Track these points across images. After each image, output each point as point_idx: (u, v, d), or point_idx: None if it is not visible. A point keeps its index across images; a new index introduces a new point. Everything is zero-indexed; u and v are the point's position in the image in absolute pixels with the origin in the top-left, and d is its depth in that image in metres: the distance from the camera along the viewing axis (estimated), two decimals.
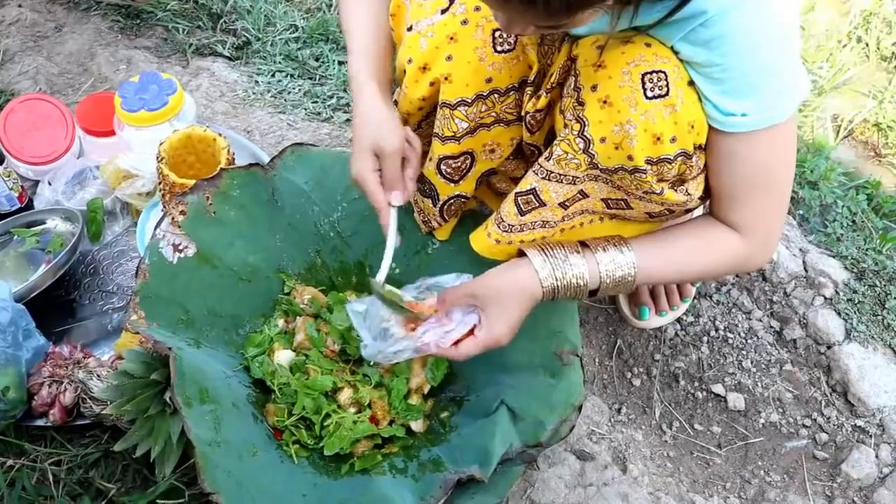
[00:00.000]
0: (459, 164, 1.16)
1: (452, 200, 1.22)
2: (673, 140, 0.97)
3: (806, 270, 1.55)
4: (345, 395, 1.17)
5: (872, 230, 1.68)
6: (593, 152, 1.00)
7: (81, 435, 1.21)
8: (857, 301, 1.51)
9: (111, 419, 1.13)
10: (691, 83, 0.98)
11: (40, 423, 1.18)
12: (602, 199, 1.10)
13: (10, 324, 1.17)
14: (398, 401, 1.19)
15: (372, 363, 1.20)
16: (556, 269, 1.06)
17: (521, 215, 1.12)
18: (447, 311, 1.10)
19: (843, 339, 1.46)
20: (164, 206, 1.41)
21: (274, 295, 1.27)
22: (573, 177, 1.05)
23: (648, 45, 0.97)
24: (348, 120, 1.78)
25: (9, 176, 1.49)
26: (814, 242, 1.63)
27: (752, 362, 1.44)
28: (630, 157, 0.98)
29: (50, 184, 1.55)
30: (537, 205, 1.10)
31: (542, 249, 1.08)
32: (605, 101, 0.98)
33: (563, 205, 1.10)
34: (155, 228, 1.16)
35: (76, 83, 1.88)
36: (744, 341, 1.47)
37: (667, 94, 0.96)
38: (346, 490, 1.07)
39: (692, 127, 0.98)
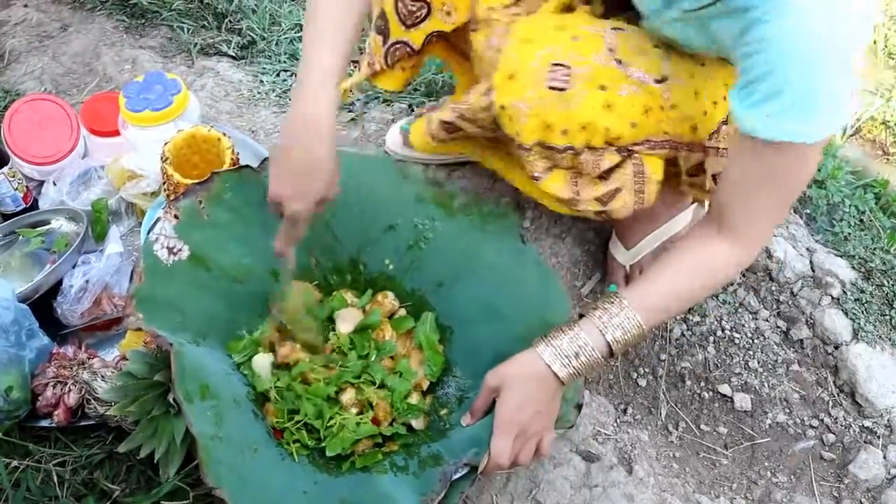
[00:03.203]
0: (416, 9, 1.19)
1: (399, 45, 1.23)
2: (564, 133, 1.04)
3: (813, 270, 1.54)
4: (348, 396, 1.16)
5: (880, 229, 1.67)
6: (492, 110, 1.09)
7: (86, 436, 1.20)
8: (864, 301, 1.50)
9: (115, 420, 1.13)
10: (603, 88, 1.03)
11: (45, 423, 1.18)
12: None
13: (13, 323, 1.17)
14: (400, 401, 1.18)
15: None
16: (564, 355, 1.03)
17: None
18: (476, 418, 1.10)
19: (850, 339, 1.45)
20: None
21: (268, 296, 1.27)
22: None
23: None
24: (353, 119, 1.78)
25: (14, 176, 1.49)
26: (821, 242, 1.62)
27: (758, 362, 1.44)
28: (518, 133, 1.07)
29: (55, 184, 1.55)
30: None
31: (548, 342, 1.04)
32: (513, 75, 1.05)
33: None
34: (148, 231, 1.16)
35: (81, 83, 1.89)
36: (750, 341, 1.46)
37: (564, 89, 1.02)
38: (346, 488, 1.07)
39: (583, 128, 1.04)
